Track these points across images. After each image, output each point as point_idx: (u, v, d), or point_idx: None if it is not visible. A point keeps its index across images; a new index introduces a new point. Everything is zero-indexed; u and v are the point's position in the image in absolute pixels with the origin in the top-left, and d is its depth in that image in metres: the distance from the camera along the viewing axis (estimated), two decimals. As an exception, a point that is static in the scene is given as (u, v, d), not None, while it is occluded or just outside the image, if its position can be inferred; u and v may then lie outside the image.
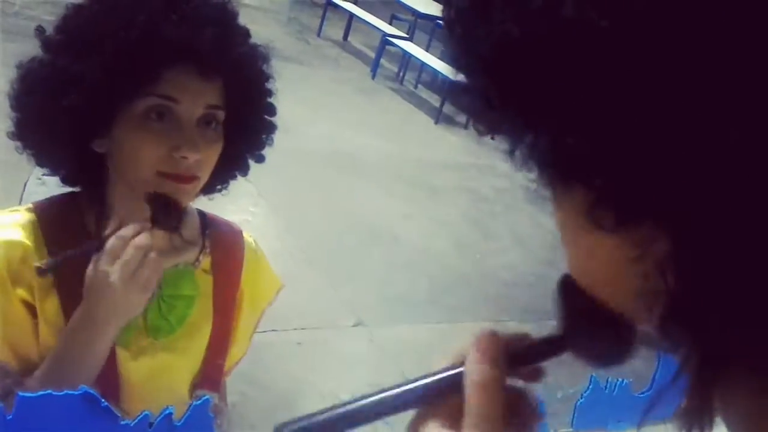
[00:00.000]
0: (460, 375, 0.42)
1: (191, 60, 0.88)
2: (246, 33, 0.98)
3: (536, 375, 0.45)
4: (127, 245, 0.86)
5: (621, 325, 0.37)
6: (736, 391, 0.32)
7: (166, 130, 0.89)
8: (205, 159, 0.92)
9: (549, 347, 0.43)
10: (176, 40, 0.86)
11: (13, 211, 0.98)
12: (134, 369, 0.99)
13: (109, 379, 0.95)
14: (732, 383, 0.31)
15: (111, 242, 0.86)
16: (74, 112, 0.87)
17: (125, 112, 0.89)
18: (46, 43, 0.91)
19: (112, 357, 0.95)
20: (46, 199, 1.01)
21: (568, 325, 0.41)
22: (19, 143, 0.95)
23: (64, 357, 0.90)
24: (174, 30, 0.86)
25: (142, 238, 0.86)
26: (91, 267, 0.86)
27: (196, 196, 1.03)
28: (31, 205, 0.99)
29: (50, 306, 0.95)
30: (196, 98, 0.90)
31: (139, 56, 0.86)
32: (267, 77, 1.00)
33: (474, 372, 0.41)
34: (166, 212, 0.90)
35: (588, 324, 0.39)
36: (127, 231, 0.86)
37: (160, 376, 1.02)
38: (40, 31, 0.92)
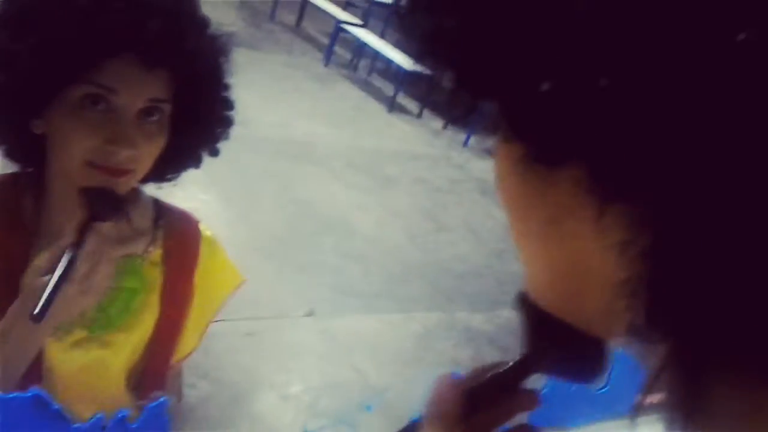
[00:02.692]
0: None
1: (135, 50, 0.83)
2: (203, 23, 0.93)
3: (530, 402, 0.44)
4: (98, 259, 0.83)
5: (590, 338, 0.35)
6: (723, 390, 0.30)
7: (102, 121, 0.85)
8: (142, 153, 0.88)
9: (514, 373, 0.43)
10: (119, 29, 0.81)
11: None
12: (67, 361, 0.97)
13: (32, 370, 0.91)
14: (719, 381, 0.30)
15: (82, 262, 0.82)
16: (5, 91, 0.84)
17: (61, 97, 0.85)
18: None
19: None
20: None
21: (534, 343, 0.40)
22: None
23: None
24: (118, 17, 0.81)
25: (92, 244, 0.83)
26: (31, 271, 0.83)
27: (143, 183, 1.00)
28: None
29: None
30: (137, 90, 0.85)
31: (77, 42, 0.81)
32: (223, 71, 0.96)
33: (428, 412, 0.42)
34: (103, 204, 0.86)
35: (556, 340, 0.37)
36: (91, 245, 0.83)
37: (92, 369, 0.99)
38: None
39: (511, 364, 0.42)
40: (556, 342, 0.37)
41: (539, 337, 0.39)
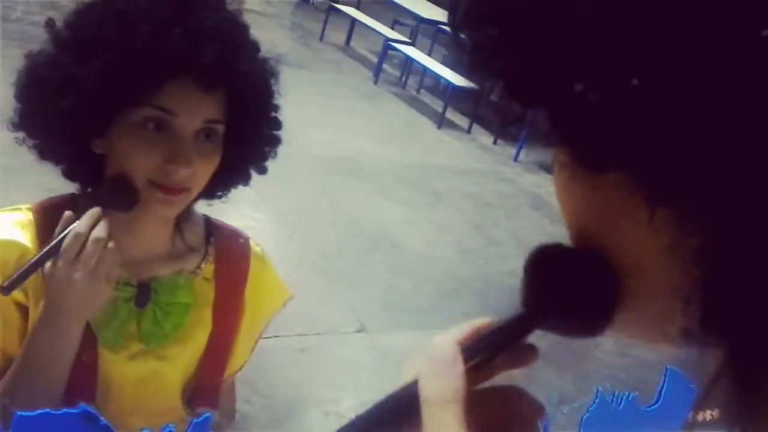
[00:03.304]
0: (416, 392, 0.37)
1: (192, 74, 0.88)
2: (255, 47, 0.97)
3: (527, 357, 0.42)
4: (84, 240, 0.86)
5: (598, 296, 0.35)
6: None
7: (161, 141, 0.89)
8: (198, 172, 0.91)
9: (515, 328, 0.40)
10: (178, 54, 0.86)
11: (15, 209, 0.99)
12: (123, 374, 0.99)
13: (86, 383, 0.94)
14: None
15: (68, 241, 0.85)
16: (71, 111, 0.88)
17: (123, 118, 0.89)
18: (54, 37, 0.92)
19: (93, 361, 0.95)
20: (47, 199, 1.01)
21: (540, 300, 0.39)
22: (20, 135, 0.95)
23: (30, 356, 0.90)
24: (177, 43, 0.86)
25: (100, 231, 0.86)
26: (49, 266, 0.86)
27: (195, 201, 1.02)
28: (31, 205, 1.00)
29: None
30: (194, 112, 0.89)
31: (139, 66, 0.85)
32: (273, 92, 0.99)
33: (427, 388, 0.37)
34: (118, 192, 0.90)
35: (564, 297, 0.37)
36: (81, 226, 0.86)
37: (148, 382, 1.01)
38: (50, 24, 0.92)
39: (508, 320, 0.40)
40: (561, 299, 0.37)
41: (544, 294, 0.38)
